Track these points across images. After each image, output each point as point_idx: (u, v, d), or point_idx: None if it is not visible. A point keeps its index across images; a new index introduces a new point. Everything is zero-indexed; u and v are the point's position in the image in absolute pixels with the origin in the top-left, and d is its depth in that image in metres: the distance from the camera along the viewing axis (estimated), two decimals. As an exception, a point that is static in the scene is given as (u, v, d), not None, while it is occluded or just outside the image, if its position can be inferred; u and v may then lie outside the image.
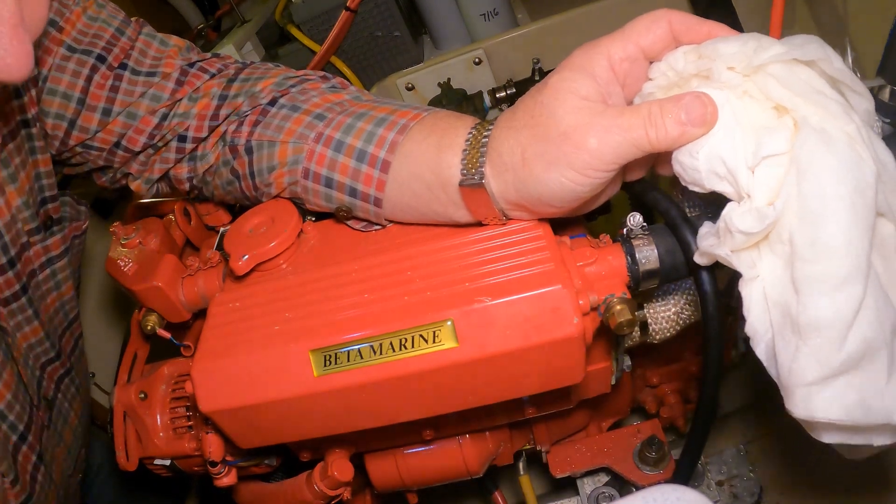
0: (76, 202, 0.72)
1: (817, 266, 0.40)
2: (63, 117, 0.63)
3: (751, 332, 0.44)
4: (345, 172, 0.56)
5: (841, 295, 0.39)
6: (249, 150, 0.62)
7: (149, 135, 0.65)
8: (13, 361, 0.60)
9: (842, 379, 0.40)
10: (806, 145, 0.41)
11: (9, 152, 0.59)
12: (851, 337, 0.39)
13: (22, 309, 0.62)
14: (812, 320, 0.40)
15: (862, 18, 0.80)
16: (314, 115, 0.60)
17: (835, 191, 0.40)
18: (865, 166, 0.41)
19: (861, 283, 0.39)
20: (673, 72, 0.47)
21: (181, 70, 0.65)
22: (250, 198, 0.65)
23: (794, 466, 0.79)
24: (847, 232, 0.39)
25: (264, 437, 0.57)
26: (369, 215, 0.58)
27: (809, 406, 0.41)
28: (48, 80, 0.62)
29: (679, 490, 0.38)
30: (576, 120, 0.45)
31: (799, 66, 0.44)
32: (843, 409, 0.40)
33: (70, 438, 0.72)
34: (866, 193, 0.40)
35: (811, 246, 0.40)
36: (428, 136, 0.54)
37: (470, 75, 1.09)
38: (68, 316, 0.69)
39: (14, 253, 0.59)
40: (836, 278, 0.39)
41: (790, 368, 0.41)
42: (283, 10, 1.27)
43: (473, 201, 0.52)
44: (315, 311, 0.54)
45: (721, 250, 0.44)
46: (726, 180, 0.44)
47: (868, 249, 0.40)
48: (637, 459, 0.65)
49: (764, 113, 0.44)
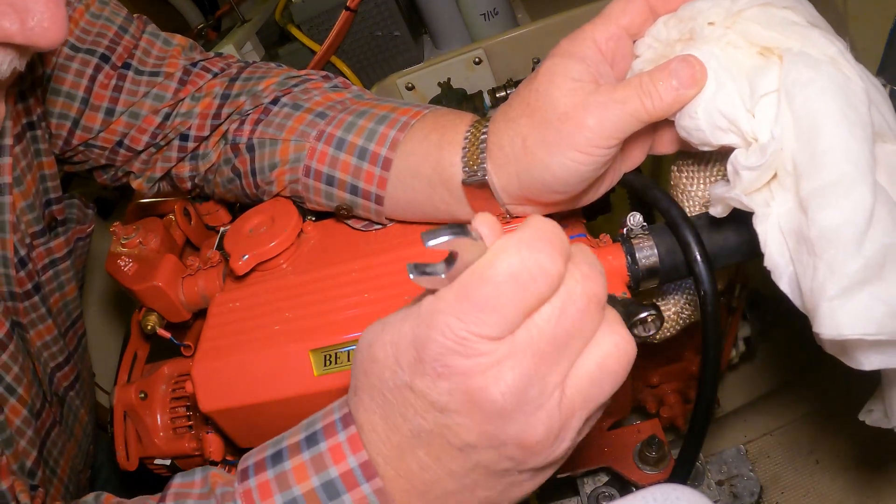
0: (84, 205, 0.72)
1: (818, 179, 0.39)
2: (67, 117, 0.63)
3: (771, 267, 0.43)
4: (346, 170, 0.56)
5: (847, 201, 0.38)
6: (251, 147, 0.62)
7: (151, 134, 0.65)
8: (30, 357, 0.60)
9: (866, 290, 0.37)
10: (791, 72, 0.41)
11: (14, 156, 0.59)
12: (868, 243, 0.37)
13: (35, 307, 0.62)
14: (823, 232, 0.38)
15: (862, 18, 0.80)
16: (316, 113, 0.60)
17: (824, 105, 0.40)
18: (853, 83, 0.41)
19: (867, 188, 0.38)
20: (658, 42, 0.48)
21: (184, 69, 0.65)
22: (251, 196, 0.65)
23: (794, 466, 0.80)
24: (843, 141, 0.39)
25: (264, 436, 0.56)
26: (370, 213, 0.58)
27: (835, 322, 0.37)
28: (52, 80, 0.62)
29: (679, 490, 0.38)
30: (572, 101, 0.45)
31: (774, 8, 0.44)
32: (871, 321, 0.37)
33: (80, 434, 0.72)
34: (858, 108, 0.40)
35: (811, 161, 0.40)
36: (429, 134, 0.54)
37: (470, 75, 1.09)
38: (71, 315, 0.69)
39: (24, 253, 0.60)
40: (839, 186, 0.38)
41: (811, 289, 0.39)
42: (283, 9, 1.27)
43: (477, 198, 0.52)
44: (315, 310, 0.54)
45: (733, 193, 0.44)
46: (730, 131, 0.44)
47: (870, 158, 0.39)
48: (637, 459, 0.65)
49: (750, 59, 0.45)
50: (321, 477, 0.37)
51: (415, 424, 0.35)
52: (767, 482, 0.79)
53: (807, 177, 0.40)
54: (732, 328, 0.75)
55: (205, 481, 0.42)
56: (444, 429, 0.35)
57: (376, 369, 0.36)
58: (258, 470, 0.39)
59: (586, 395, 0.35)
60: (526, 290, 0.32)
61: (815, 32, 0.43)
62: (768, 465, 0.81)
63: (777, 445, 0.82)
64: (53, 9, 0.40)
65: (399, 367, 0.35)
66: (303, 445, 0.38)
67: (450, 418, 0.34)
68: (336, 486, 0.37)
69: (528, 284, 0.32)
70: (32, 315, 0.62)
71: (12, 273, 0.58)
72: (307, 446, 0.38)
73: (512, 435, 0.34)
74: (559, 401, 0.34)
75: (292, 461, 0.38)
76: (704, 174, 0.54)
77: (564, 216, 0.60)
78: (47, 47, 0.41)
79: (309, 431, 0.39)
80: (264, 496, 0.38)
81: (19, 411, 0.57)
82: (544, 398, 0.34)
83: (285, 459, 0.38)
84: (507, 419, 0.34)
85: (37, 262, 0.63)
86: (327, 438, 0.38)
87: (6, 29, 0.40)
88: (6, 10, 0.39)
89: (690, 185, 0.55)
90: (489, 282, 0.32)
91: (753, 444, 0.83)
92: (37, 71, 0.61)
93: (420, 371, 0.34)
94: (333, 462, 0.37)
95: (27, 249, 0.60)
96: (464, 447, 0.35)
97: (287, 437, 0.40)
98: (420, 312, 0.34)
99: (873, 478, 0.75)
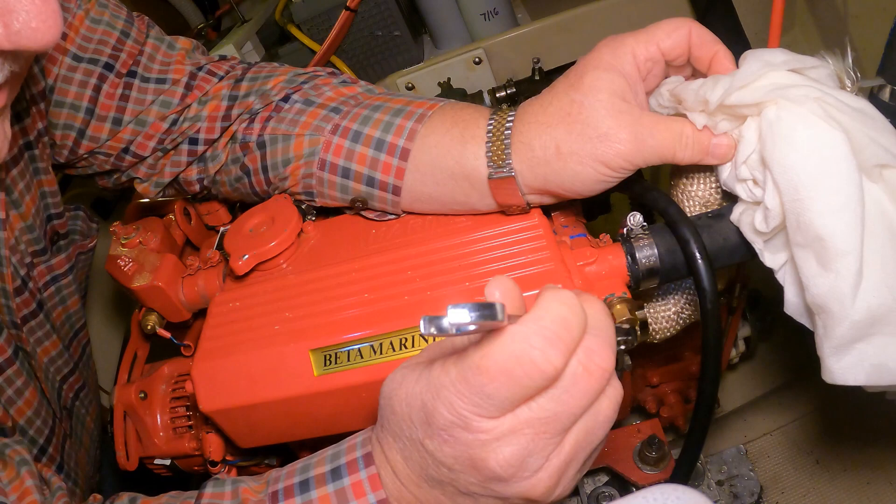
0: (89, 218, 0.72)
1: (805, 247, 0.42)
2: (72, 127, 0.63)
3: (791, 312, 0.47)
4: (363, 162, 0.57)
5: (831, 272, 0.41)
6: (262, 144, 0.62)
7: (158, 139, 0.64)
8: (36, 379, 0.60)
9: (855, 349, 0.42)
10: (767, 143, 0.44)
11: (12, 179, 0.58)
12: (854, 308, 0.41)
13: (41, 325, 0.61)
14: (814, 298, 0.42)
15: (862, 18, 0.80)
16: (329, 108, 0.60)
17: (803, 175, 0.42)
18: (834, 137, 0.42)
19: (852, 257, 0.40)
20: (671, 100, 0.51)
21: (190, 75, 0.65)
22: (260, 193, 0.65)
23: (794, 466, 0.80)
24: (824, 209, 0.41)
25: (264, 436, 0.56)
26: (386, 205, 0.58)
27: (834, 375, 0.43)
28: (55, 92, 0.61)
29: (679, 490, 0.38)
30: (616, 123, 0.48)
31: (754, 84, 0.46)
32: (861, 375, 0.42)
33: (88, 442, 0.72)
34: (840, 166, 0.41)
35: (797, 229, 0.42)
36: (451, 127, 0.55)
37: (470, 75, 1.09)
38: (74, 326, 0.69)
39: (24, 273, 0.59)
40: (823, 255, 0.41)
41: (817, 342, 0.44)
42: (283, 9, 1.27)
43: (501, 192, 0.53)
44: (315, 310, 0.54)
45: (757, 247, 0.48)
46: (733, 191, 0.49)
47: (854, 219, 0.41)
48: (637, 459, 0.65)
49: (737, 131, 0.48)
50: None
51: (429, 472, 0.40)
52: (767, 482, 0.79)
53: (795, 243, 0.43)
54: (732, 328, 0.74)
55: (235, 494, 0.45)
56: (454, 481, 0.39)
57: (395, 420, 0.40)
58: (287, 495, 0.43)
59: (584, 444, 0.39)
60: (518, 385, 0.35)
61: (792, 85, 0.45)
62: (768, 465, 0.81)
63: (777, 445, 0.82)
64: (40, 5, 0.36)
65: (413, 424, 0.39)
66: (328, 478, 0.43)
67: (457, 475, 0.38)
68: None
69: (520, 380, 0.34)
70: (38, 333, 0.61)
71: (13, 303, 0.57)
72: (332, 479, 0.43)
73: (515, 493, 0.38)
74: (558, 456, 0.38)
75: (318, 492, 0.43)
76: (704, 174, 0.54)
77: (566, 214, 0.60)
78: (39, 49, 0.37)
79: (334, 465, 0.44)
80: None
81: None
82: (543, 462, 0.37)
83: (312, 489, 0.43)
84: (508, 483, 0.37)
85: (38, 280, 0.62)
86: (350, 475, 0.42)
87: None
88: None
89: (690, 185, 0.55)
90: (484, 373, 0.35)
91: (753, 444, 0.83)
92: (38, 84, 0.60)
93: (430, 434, 0.38)
94: (355, 497, 0.42)
95: (27, 269, 0.60)
96: (473, 494, 0.39)
97: (313, 467, 0.44)
98: (430, 379, 0.38)
99: (873, 478, 0.75)
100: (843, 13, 0.82)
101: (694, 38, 0.50)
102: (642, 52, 0.50)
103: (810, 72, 0.46)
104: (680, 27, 0.50)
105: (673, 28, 0.50)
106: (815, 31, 0.91)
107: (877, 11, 0.76)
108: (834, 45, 0.48)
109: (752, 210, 0.47)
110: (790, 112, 0.43)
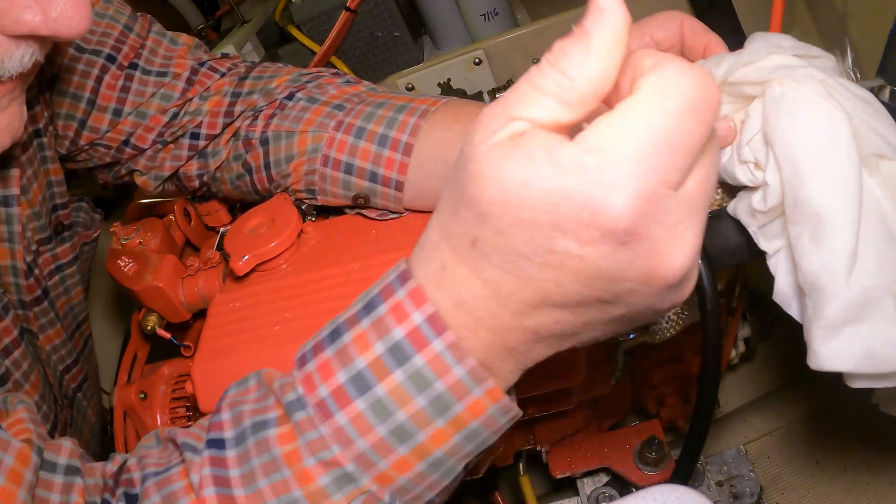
0: (92, 209, 0.72)
1: (801, 224, 0.41)
2: (73, 118, 0.63)
3: (779, 300, 0.45)
4: (366, 157, 0.57)
5: (825, 248, 0.40)
6: (265, 141, 0.62)
7: (158, 132, 0.65)
8: (40, 363, 0.60)
9: (846, 331, 0.40)
10: (770, 118, 0.43)
11: (20, 165, 0.58)
12: (848, 287, 0.40)
13: (45, 312, 0.62)
14: (806, 276, 0.41)
15: (862, 18, 0.80)
16: (333, 105, 0.61)
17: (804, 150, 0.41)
18: (836, 117, 0.41)
19: (847, 233, 0.40)
20: None
21: (192, 69, 0.65)
22: (262, 191, 0.65)
23: (794, 466, 0.80)
24: (822, 186, 0.40)
25: (264, 437, 0.56)
26: (389, 201, 0.59)
27: (819, 359, 0.41)
28: (58, 82, 0.62)
29: (679, 490, 0.38)
30: None
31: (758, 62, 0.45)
32: (849, 361, 0.40)
33: (88, 435, 0.72)
34: (840, 147, 0.41)
35: (794, 207, 0.42)
36: (454, 122, 0.55)
37: (470, 75, 1.09)
38: (77, 318, 0.69)
39: (31, 259, 0.60)
40: (818, 232, 0.40)
41: (805, 325, 0.43)
42: (283, 10, 1.27)
43: None
44: (315, 310, 0.54)
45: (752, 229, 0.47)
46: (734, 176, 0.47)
47: (853, 199, 0.40)
48: (637, 459, 0.65)
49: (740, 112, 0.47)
50: (385, 342, 0.33)
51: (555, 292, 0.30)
52: (767, 483, 0.79)
53: (791, 221, 0.42)
54: (732, 328, 0.74)
55: (259, 384, 0.39)
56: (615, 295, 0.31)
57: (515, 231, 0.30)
58: (316, 352, 0.35)
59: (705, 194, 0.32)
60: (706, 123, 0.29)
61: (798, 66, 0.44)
62: (768, 465, 0.81)
63: (777, 446, 0.82)
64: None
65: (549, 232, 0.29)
66: (361, 314, 0.34)
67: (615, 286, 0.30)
68: (403, 349, 0.32)
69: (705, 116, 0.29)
70: (42, 320, 0.62)
71: (22, 282, 0.58)
72: (365, 314, 0.34)
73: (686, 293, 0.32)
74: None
75: (352, 332, 0.34)
76: (704, 174, 0.54)
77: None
78: (73, 37, 0.40)
79: (366, 300, 0.35)
80: (326, 376, 0.34)
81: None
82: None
83: (344, 333, 0.35)
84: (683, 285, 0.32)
85: (43, 268, 0.63)
86: (385, 300, 0.34)
87: (29, 22, 0.39)
88: (27, 3, 0.39)
89: (690, 185, 0.55)
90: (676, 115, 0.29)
91: (753, 444, 0.83)
92: (44, 74, 0.61)
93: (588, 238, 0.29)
94: (396, 322, 0.33)
95: (33, 256, 0.60)
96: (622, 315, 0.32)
97: (344, 313, 0.36)
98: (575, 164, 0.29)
99: (873, 478, 0.75)
100: (843, 13, 0.82)
101: (686, 29, 0.51)
102: (636, 43, 0.50)
103: (815, 61, 0.46)
104: (672, 18, 0.51)
105: (665, 19, 0.51)
106: (814, 31, 0.90)
107: (877, 11, 0.76)
108: (834, 45, 0.48)
109: (748, 195, 0.47)
110: (794, 90, 0.43)
